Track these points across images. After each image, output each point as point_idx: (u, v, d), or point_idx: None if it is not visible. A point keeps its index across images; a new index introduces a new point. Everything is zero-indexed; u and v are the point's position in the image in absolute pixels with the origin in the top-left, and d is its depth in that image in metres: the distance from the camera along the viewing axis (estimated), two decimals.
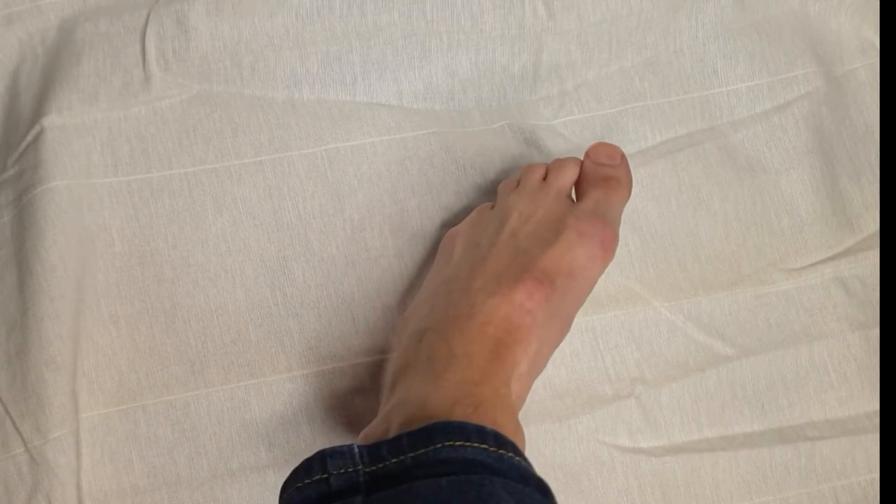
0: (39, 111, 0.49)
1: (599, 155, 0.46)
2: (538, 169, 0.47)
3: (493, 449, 0.34)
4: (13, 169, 0.48)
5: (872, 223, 0.53)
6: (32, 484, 0.44)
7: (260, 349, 0.48)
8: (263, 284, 0.49)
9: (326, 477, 0.34)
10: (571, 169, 0.46)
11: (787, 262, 0.53)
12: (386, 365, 0.49)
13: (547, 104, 0.53)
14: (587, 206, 0.44)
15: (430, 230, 0.50)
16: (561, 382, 0.50)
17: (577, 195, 0.46)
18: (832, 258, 0.53)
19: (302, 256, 0.49)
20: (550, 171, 0.47)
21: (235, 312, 0.48)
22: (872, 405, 0.52)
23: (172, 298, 0.48)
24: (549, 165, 0.47)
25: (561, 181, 0.46)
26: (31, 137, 0.48)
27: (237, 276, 0.49)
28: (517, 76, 0.53)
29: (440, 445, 0.33)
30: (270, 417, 0.48)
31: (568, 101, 0.53)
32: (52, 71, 0.50)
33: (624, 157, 0.47)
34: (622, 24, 0.53)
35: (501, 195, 0.47)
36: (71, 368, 0.46)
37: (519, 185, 0.47)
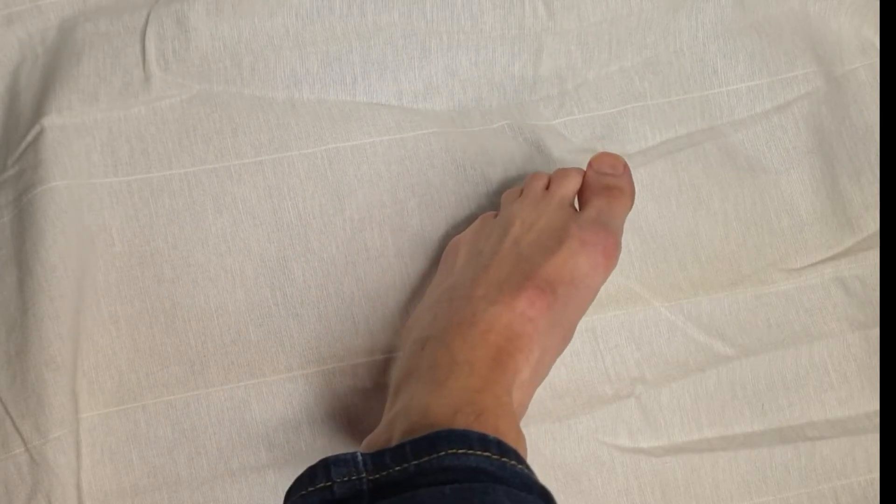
0: (39, 111, 0.49)
1: (602, 164, 0.46)
2: (541, 178, 0.47)
3: (495, 457, 0.34)
4: (13, 169, 0.48)
5: (872, 223, 0.53)
6: (32, 484, 0.44)
7: (260, 349, 0.48)
8: (263, 284, 0.49)
9: (330, 485, 0.34)
10: (574, 178, 0.46)
11: (787, 262, 0.53)
12: (386, 365, 0.49)
13: (547, 104, 0.53)
14: (590, 214, 0.44)
15: (430, 230, 0.50)
16: (561, 382, 0.50)
17: (580, 204, 0.47)
18: (832, 258, 0.53)
19: (302, 256, 0.49)
20: (553, 179, 0.47)
21: (235, 312, 0.48)
22: (872, 405, 0.52)
23: (172, 298, 0.48)
24: (552, 174, 0.47)
25: (564, 190, 0.46)
26: (31, 137, 0.48)
27: (237, 276, 0.49)
28: (517, 76, 0.53)
29: (443, 453, 0.33)
30: (270, 417, 0.48)
31: (568, 101, 0.53)
32: (52, 71, 0.50)
33: (626, 166, 0.47)
34: (622, 24, 0.53)
35: (505, 203, 0.47)
36: (71, 368, 0.46)
37: (522, 193, 0.47)
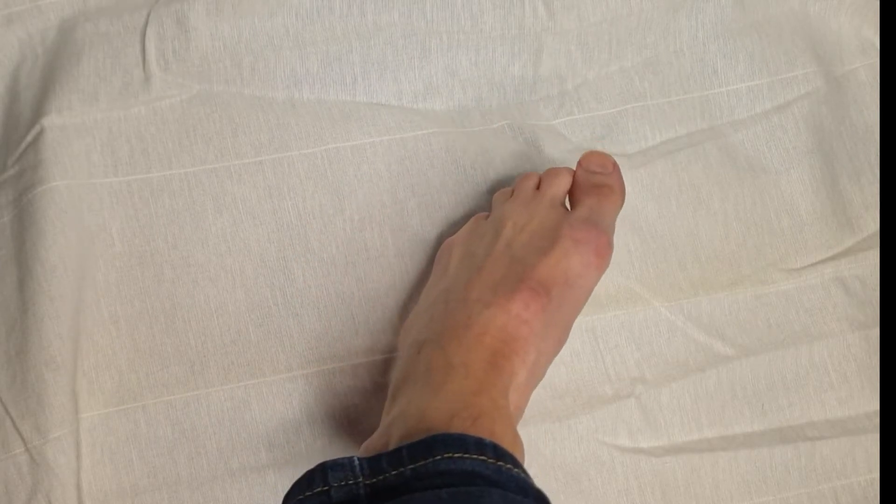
0: (39, 111, 0.49)
1: (591, 163, 0.47)
2: (532, 178, 0.47)
3: (491, 461, 0.34)
4: (13, 169, 0.48)
5: (872, 223, 0.53)
6: (32, 484, 0.44)
7: (260, 349, 0.48)
8: (263, 284, 0.49)
9: (327, 489, 0.34)
10: (564, 177, 0.46)
11: (787, 262, 0.53)
12: (386, 365, 0.49)
13: (547, 104, 0.53)
14: (581, 213, 0.44)
15: (430, 230, 0.50)
16: (561, 382, 0.50)
17: (570, 203, 0.47)
18: (832, 258, 0.53)
19: (302, 256, 0.49)
20: (543, 179, 0.47)
21: (235, 312, 0.48)
22: (872, 405, 0.52)
23: (172, 298, 0.48)
24: (542, 174, 0.47)
25: (554, 189, 0.46)
26: (31, 137, 0.48)
27: (237, 276, 0.49)
28: (517, 76, 0.53)
29: (439, 457, 0.33)
30: (270, 417, 0.48)
31: (568, 101, 0.53)
32: (52, 71, 0.50)
33: (616, 165, 0.47)
34: (622, 24, 0.53)
35: (496, 204, 0.47)
36: (71, 368, 0.46)
37: (513, 194, 0.47)
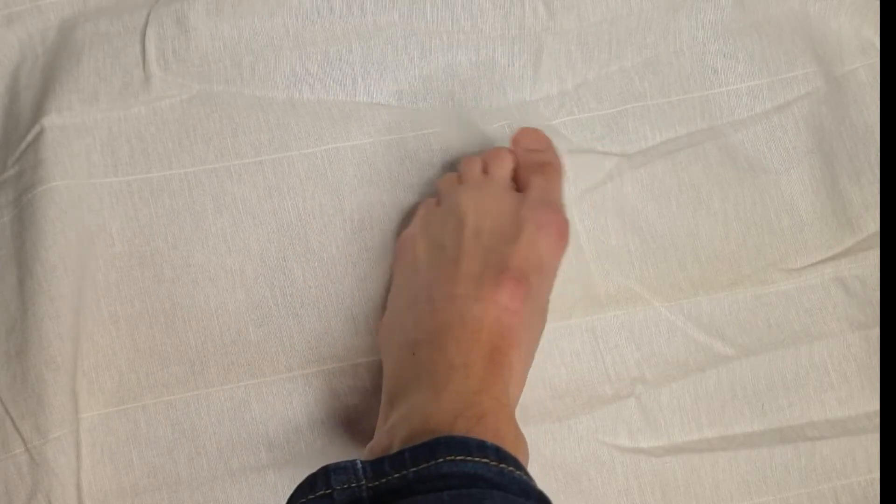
0: (39, 111, 0.49)
1: (528, 141, 0.47)
2: (476, 161, 0.47)
3: (494, 463, 0.34)
4: (13, 169, 0.48)
5: (872, 223, 0.53)
6: (32, 484, 0.44)
7: (260, 349, 0.48)
8: (263, 284, 0.49)
9: (330, 492, 0.34)
10: (509, 159, 0.46)
11: (787, 262, 0.53)
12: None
13: (547, 104, 0.53)
14: (535, 195, 0.45)
15: None
16: (561, 382, 0.50)
17: (517, 184, 0.47)
18: (832, 258, 0.53)
19: (302, 256, 0.49)
20: (490, 162, 0.47)
21: (235, 312, 0.48)
22: (872, 405, 0.52)
23: (172, 298, 0.48)
24: (484, 157, 0.47)
25: (503, 172, 0.46)
26: (31, 137, 0.48)
27: (237, 276, 0.49)
28: (517, 76, 0.53)
29: (442, 460, 0.34)
30: (270, 417, 0.48)
31: (568, 101, 0.53)
32: (52, 71, 0.50)
33: (549, 139, 0.47)
34: (622, 24, 0.53)
35: (446, 190, 0.47)
36: (71, 368, 0.46)
37: (461, 179, 0.46)
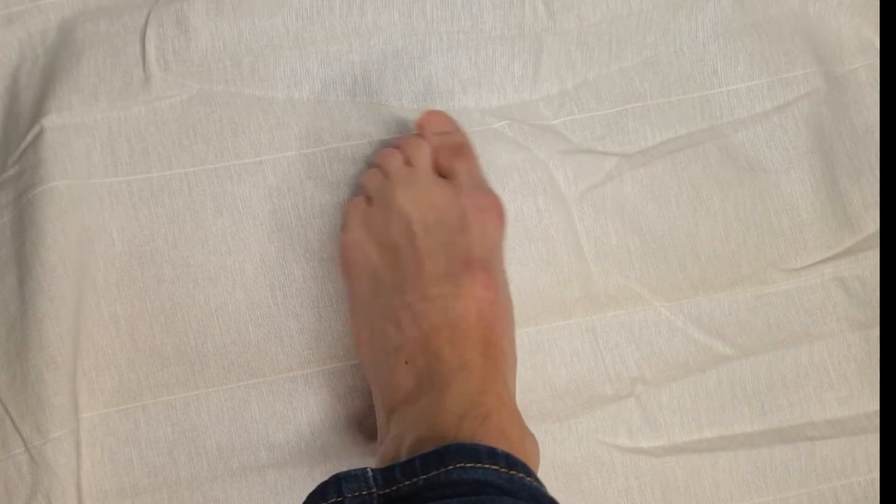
0: (39, 111, 0.49)
1: (435, 125, 0.47)
2: (396, 153, 0.47)
3: (503, 470, 0.34)
4: (13, 169, 0.48)
5: (872, 223, 0.53)
6: (32, 484, 0.44)
7: (260, 349, 0.48)
8: (263, 284, 0.49)
9: (341, 500, 0.34)
10: (425, 145, 0.46)
11: (787, 262, 0.53)
12: None
13: (547, 104, 0.53)
14: (465, 180, 0.45)
15: None
16: (561, 382, 0.50)
17: (437, 169, 0.46)
18: (832, 258, 0.53)
19: (302, 256, 0.49)
20: (411, 153, 0.46)
21: (235, 312, 0.48)
22: (872, 405, 0.52)
23: (172, 298, 0.48)
24: (403, 147, 0.47)
25: (425, 161, 0.46)
26: (31, 137, 0.48)
27: (237, 276, 0.49)
28: (517, 76, 0.53)
29: (451, 467, 0.34)
30: (270, 417, 0.48)
31: (568, 101, 0.53)
32: (52, 71, 0.50)
33: (454, 119, 0.48)
34: (622, 24, 0.53)
35: (375, 188, 0.46)
36: (71, 368, 0.46)
37: (386, 174, 0.46)
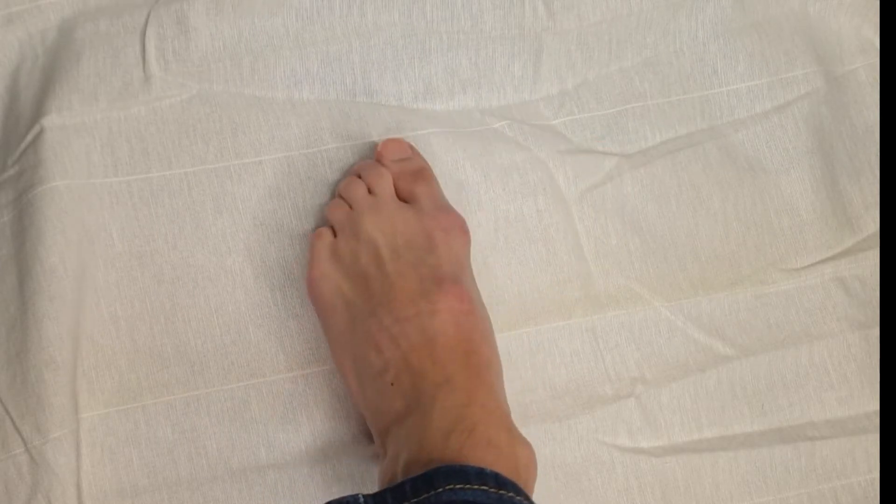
0: (39, 111, 0.48)
1: (394, 152, 0.48)
2: (357, 183, 0.47)
3: (493, 490, 0.35)
4: (13, 169, 0.48)
5: (872, 223, 0.53)
6: (32, 484, 0.44)
7: (260, 349, 0.48)
8: (263, 285, 0.49)
9: None
10: (387, 174, 0.47)
11: (787, 262, 0.53)
12: None
13: (547, 104, 0.53)
14: (426, 203, 0.46)
15: None
16: (561, 382, 0.50)
17: (399, 194, 0.47)
18: (832, 258, 0.53)
19: (302, 257, 0.49)
20: (372, 182, 0.47)
21: (235, 312, 0.48)
22: (872, 405, 0.52)
23: (172, 298, 0.48)
24: (364, 176, 0.47)
25: (388, 188, 0.47)
26: (31, 137, 0.48)
27: (237, 276, 0.49)
28: (517, 76, 0.53)
29: (441, 489, 0.34)
30: (270, 417, 0.48)
31: (568, 101, 0.53)
32: (52, 71, 0.50)
33: (411, 145, 0.49)
34: (622, 24, 0.53)
35: (343, 221, 0.46)
36: (71, 368, 0.46)
37: (351, 204, 0.47)
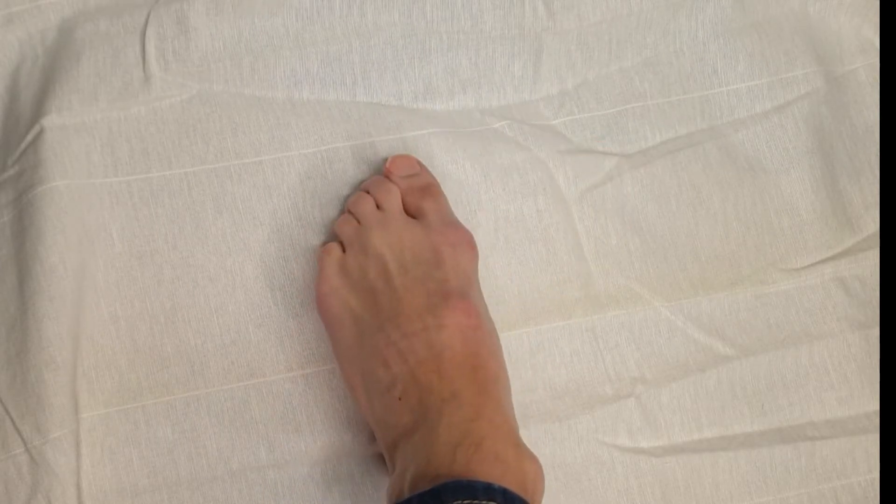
0: (39, 111, 0.48)
1: (402, 168, 0.48)
2: (366, 199, 0.48)
3: None
4: (13, 169, 0.48)
5: (872, 223, 0.53)
6: (32, 484, 0.44)
7: (260, 349, 0.48)
8: (263, 285, 0.49)
9: None
10: (395, 190, 0.48)
11: (787, 262, 0.53)
12: None
13: (547, 104, 0.53)
14: (434, 219, 0.46)
15: None
16: (561, 382, 0.50)
17: (407, 210, 0.47)
18: (832, 258, 0.53)
19: (302, 256, 0.49)
20: (380, 198, 0.47)
21: (235, 312, 0.48)
22: (872, 405, 0.52)
23: (172, 298, 0.48)
24: (373, 192, 0.48)
25: (396, 204, 0.47)
26: (31, 137, 0.48)
27: (237, 276, 0.49)
28: (517, 76, 0.53)
29: None
30: (270, 417, 0.48)
31: (568, 101, 0.53)
32: (52, 71, 0.50)
33: (419, 161, 0.49)
34: (622, 24, 0.53)
35: (351, 236, 0.47)
36: (71, 368, 0.46)
37: (359, 220, 0.47)
